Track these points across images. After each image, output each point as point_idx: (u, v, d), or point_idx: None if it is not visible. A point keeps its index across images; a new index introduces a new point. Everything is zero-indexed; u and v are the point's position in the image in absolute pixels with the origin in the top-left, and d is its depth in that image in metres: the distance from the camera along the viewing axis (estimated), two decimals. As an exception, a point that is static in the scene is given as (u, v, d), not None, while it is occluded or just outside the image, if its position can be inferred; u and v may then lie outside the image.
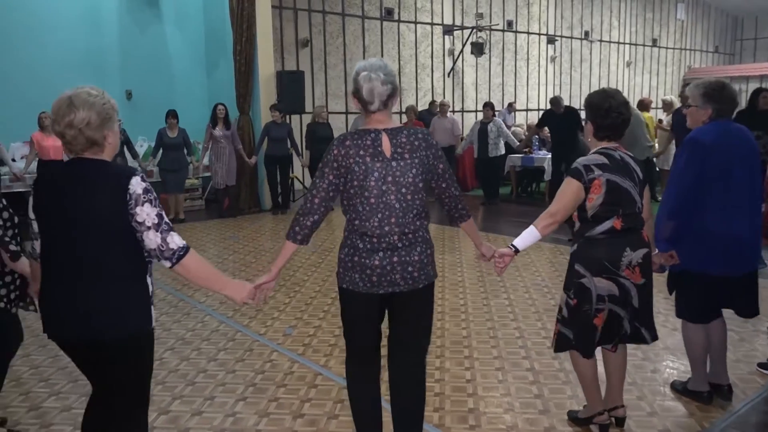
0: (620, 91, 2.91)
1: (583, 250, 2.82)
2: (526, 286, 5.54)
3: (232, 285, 2.32)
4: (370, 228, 2.39)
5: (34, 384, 3.69)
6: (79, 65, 9.24)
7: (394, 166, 2.39)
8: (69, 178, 2.11)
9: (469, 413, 3.27)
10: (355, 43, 12.96)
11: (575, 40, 17.58)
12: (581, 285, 2.80)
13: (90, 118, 2.06)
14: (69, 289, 2.11)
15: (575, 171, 2.78)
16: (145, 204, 2.07)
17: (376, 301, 2.48)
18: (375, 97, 2.38)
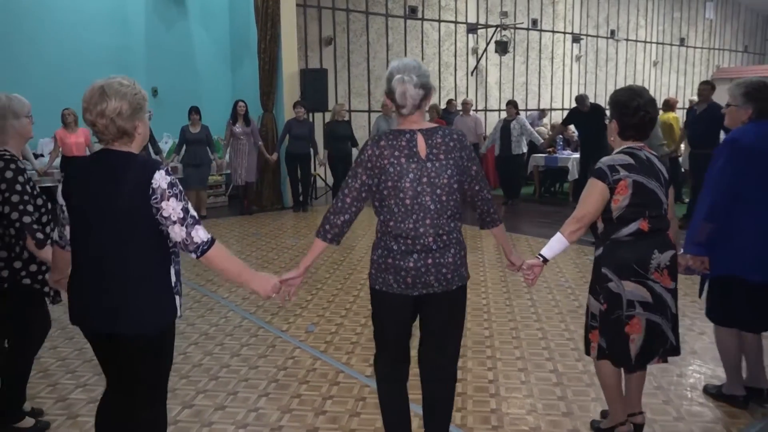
0: (647, 89, 2.84)
1: (609, 252, 2.74)
2: (550, 287, 5.50)
3: (258, 279, 2.32)
4: (405, 230, 2.37)
5: (61, 375, 3.75)
6: (105, 63, 9.36)
7: (429, 167, 2.37)
8: (95, 170, 2.14)
9: (491, 414, 3.26)
10: (379, 42, 12.96)
11: (601, 39, 17.38)
12: (609, 289, 2.72)
13: (121, 107, 2.08)
14: (93, 279, 2.14)
15: (599, 171, 2.70)
16: (170, 198, 2.08)
17: (410, 303, 2.46)
18: (408, 99, 2.36)
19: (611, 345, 2.76)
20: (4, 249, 2.94)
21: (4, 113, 2.93)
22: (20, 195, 2.83)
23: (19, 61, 8.79)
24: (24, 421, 3.08)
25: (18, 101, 2.99)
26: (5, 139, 2.96)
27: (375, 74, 12.91)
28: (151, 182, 2.06)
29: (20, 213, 2.81)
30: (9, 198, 2.82)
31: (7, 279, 2.95)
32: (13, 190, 2.82)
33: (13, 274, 2.95)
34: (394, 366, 2.60)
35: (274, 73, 9.95)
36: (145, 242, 2.12)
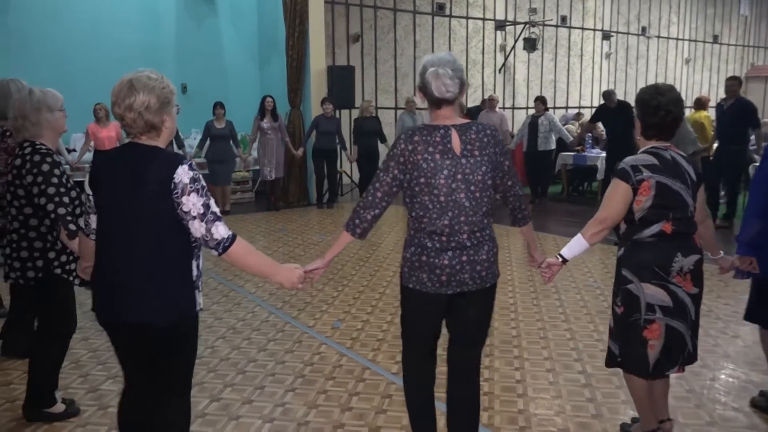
0: (674, 87, 2.74)
1: (630, 254, 2.67)
2: (578, 287, 5.43)
3: (282, 271, 2.31)
4: (440, 226, 2.34)
5: (92, 367, 3.82)
6: (137, 60, 9.40)
7: (463, 163, 2.34)
8: (121, 162, 2.16)
9: (518, 414, 3.22)
10: (406, 39, 12.93)
11: (632, 36, 17.11)
12: (628, 291, 2.65)
13: (149, 101, 2.09)
14: (115, 271, 2.15)
15: (622, 172, 2.63)
16: (191, 193, 2.08)
17: (443, 302, 2.43)
18: (443, 93, 2.34)
19: (625, 350, 2.68)
20: (40, 239, 3.03)
21: (38, 107, 2.99)
22: (56, 187, 2.89)
23: (54, 58, 8.96)
24: (55, 406, 3.15)
25: (52, 95, 3.05)
26: (40, 133, 3.02)
27: (402, 71, 12.88)
28: (174, 177, 2.06)
29: (56, 204, 2.87)
30: (45, 190, 2.88)
31: (41, 268, 3.03)
32: (50, 182, 2.89)
33: (47, 264, 3.04)
34: (422, 365, 2.59)
35: (301, 70, 9.99)
36: (167, 235, 2.12)
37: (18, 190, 3.00)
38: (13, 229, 3.08)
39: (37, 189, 2.89)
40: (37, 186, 2.89)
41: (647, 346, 2.62)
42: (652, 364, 2.64)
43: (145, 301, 2.12)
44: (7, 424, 3.15)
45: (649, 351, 2.62)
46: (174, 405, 2.29)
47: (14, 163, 3.00)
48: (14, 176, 2.99)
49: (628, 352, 2.67)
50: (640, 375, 2.71)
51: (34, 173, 2.90)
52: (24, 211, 3.02)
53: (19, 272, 3.06)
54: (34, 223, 3.02)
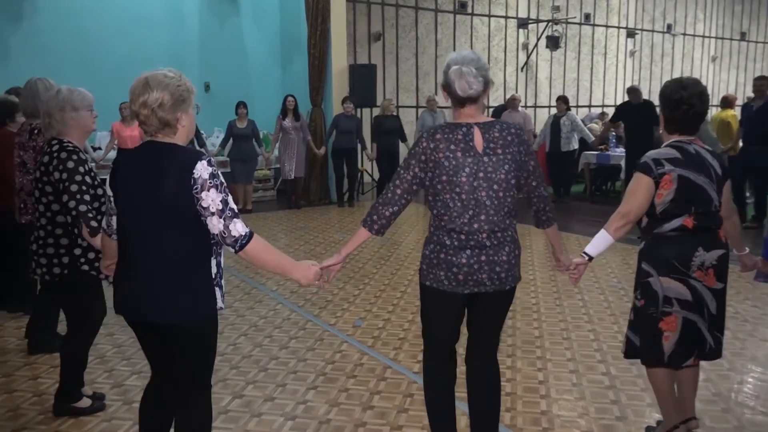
0: (699, 81, 2.69)
1: (650, 247, 2.66)
2: (601, 288, 5.37)
3: (299, 268, 2.30)
4: (459, 225, 2.32)
5: (117, 362, 3.86)
6: (161, 59, 9.43)
7: (486, 161, 2.32)
8: (139, 161, 2.17)
9: (541, 415, 3.19)
10: (428, 37, 12.90)
11: (657, 33, 16.88)
12: (648, 284, 2.64)
13: (163, 98, 2.09)
14: (135, 269, 2.17)
15: (644, 166, 2.60)
16: (210, 189, 2.07)
17: (460, 301, 2.42)
18: (466, 91, 2.32)
19: (643, 342, 2.68)
20: (66, 236, 3.07)
21: (63, 105, 3.03)
22: (79, 185, 2.93)
23: (81, 57, 9.08)
24: (81, 401, 3.21)
25: (79, 94, 3.08)
26: (66, 131, 3.06)
27: (423, 70, 12.85)
28: (193, 172, 2.06)
29: (77, 202, 2.91)
30: (68, 187, 2.93)
31: (67, 265, 3.08)
32: (73, 180, 2.93)
33: (73, 261, 3.08)
34: (442, 365, 2.57)
35: (323, 69, 10.02)
36: (186, 232, 2.12)
37: (46, 186, 3.04)
38: (40, 226, 3.12)
39: (62, 186, 2.94)
40: (62, 183, 2.94)
41: (662, 337, 2.63)
42: (668, 355, 2.64)
43: (164, 300, 2.13)
44: (36, 417, 3.20)
45: (664, 342, 2.63)
46: (194, 402, 2.30)
47: (42, 160, 3.05)
48: (42, 173, 3.04)
49: (645, 343, 2.68)
50: (656, 365, 2.70)
51: (60, 170, 2.95)
52: (51, 207, 3.07)
53: (46, 268, 3.10)
54: (61, 219, 3.06)
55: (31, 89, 3.90)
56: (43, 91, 3.80)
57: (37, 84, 3.89)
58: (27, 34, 8.89)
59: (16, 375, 3.71)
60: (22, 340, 4.18)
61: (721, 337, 2.70)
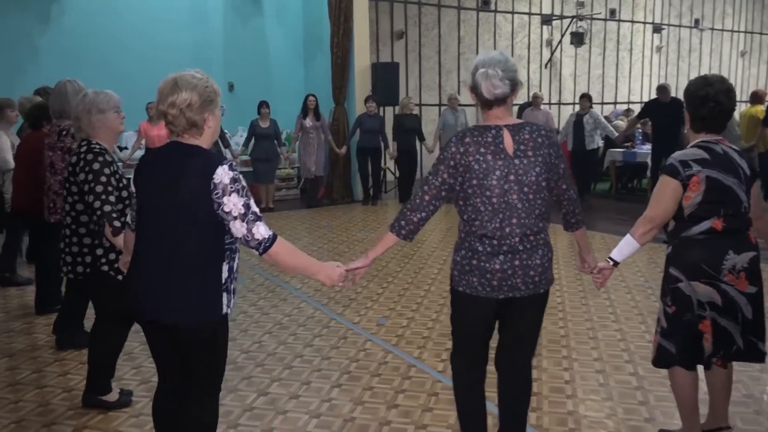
0: (725, 78, 2.63)
1: (679, 252, 2.59)
2: (628, 287, 5.29)
3: (324, 269, 2.30)
4: (490, 230, 2.29)
5: (144, 359, 3.90)
6: (186, 58, 9.66)
7: (516, 164, 2.28)
8: (162, 160, 2.18)
9: (568, 415, 3.16)
10: (450, 34, 12.83)
11: (684, 28, 16.59)
12: (678, 290, 2.57)
13: (191, 99, 2.10)
14: (147, 269, 2.18)
15: (671, 168, 2.54)
16: (232, 194, 2.07)
17: (494, 306, 2.39)
18: (492, 94, 2.29)
19: (683, 348, 2.61)
20: (89, 236, 3.13)
21: (89, 108, 3.08)
22: (104, 186, 2.98)
23: (107, 58, 9.20)
24: (109, 394, 3.26)
25: (104, 96, 3.13)
26: (94, 133, 3.12)
27: (446, 68, 12.80)
28: (213, 177, 2.06)
29: (102, 202, 2.96)
30: (94, 188, 2.98)
31: (89, 264, 3.14)
32: (98, 180, 2.98)
33: (95, 260, 3.14)
34: (473, 367, 2.54)
35: (346, 67, 10.03)
36: (199, 236, 2.11)
37: (72, 186, 3.11)
38: (66, 225, 3.20)
39: (87, 186, 2.99)
40: (87, 183, 2.99)
41: (703, 339, 2.57)
42: (707, 356, 2.60)
43: (169, 301, 2.13)
44: (65, 412, 3.26)
45: (705, 344, 2.58)
46: (199, 404, 2.29)
47: (71, 161, 3.11)
48: (69, 173, 3.10)
49: (686, 347, 2.60)
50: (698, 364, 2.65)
51: (86, 171, 3.00)
52: (76, 207, 3.13)
53: (70, 266, 3.18)
54: (85, 219, 3.12)
55: (60, 91, 3.96)
56: (72, 93, 3.85)
57: (66, 86, 3.94)
58: (55, 36, 9.05)
59: (46, 371, 3.78)
60: (52, 336, 4.25)
61: (759, 342, 2.61)
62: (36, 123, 4.68)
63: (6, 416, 3.21)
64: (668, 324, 2.64)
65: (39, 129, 4.63)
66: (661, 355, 2.69)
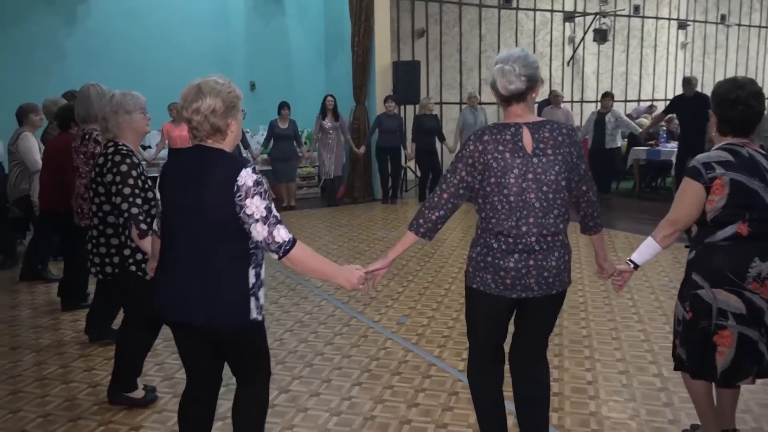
0: (754, 81, 2.56)
1: (702, 258, 2.52)
2: (652, 287, 5.22)
3: (343, 273, 2.31)
4: (506, 227, 2.27)
5: (167, 356, 3.95)
6: (208, 59, 9.76)
7: (535, 162, 2.26)
8: (187, 164, 2.20)
9: (590, 416, 3.13)
10: (471, 32, 12.77)
11: (710, 24, 16.31)
12: (698, 297, 2.50)
13: (215, 105, 2.12)
14: (174, 272, 2.20)
15: (693, 170, 2.48)
16: (254, 196, 2.09)
17: (507, 305, 2.37)
18: (507, 90, 2.27)
19: (692, 356, 2.55)
20: (117, 236, 3.17)
21: (116, 110, 3.12)
22: (131, 188, 3.00)
23: (132, 59, 9.31)
24: (135, 391, 3.30)
25: (131, 98, 3.16)
26: (121, 134, 3.16)
27: (467, 66, 12.74)
28: (237, 180, 2.08)
29: (129, 204, 2.98)
30: (121, 190, 3.00)
31: (117, 264, 3.18)
32: (126, 182, 3.00)
33: (123, 261, 3.17)
34: (488, 366, 2.52)
35: (367, 66, 10.05)
36: (224, 239, 2.13)
37: (99, 187, 3.14)
38: (93, 226, 3.24)
39: (115, 188, 3.01)
40: (115, 185, 3.01)
41: (716, 352, 2.48)
42: (720, 371, 2.50)
43: (197, 304, 2.15)
44: (90, 407, 3.31)
45: (718, 357, 2.48)
46: (242, 401, 2.35)
47: (97, 162, 3.14)
48: (96, 174, 3.13)
49: (696, 357, 2.54)
50: (706, 379, 2.58)
51: (113, 172, 3.02)
52: (103, 208, 3.17)
53: (99, 267, 3.24)
54: (112, 220, 3.16)
55: (84, 95, 4.03)
56: (95, 97, 3.92)
57: (89, 90, 4.00)
58: (81, 38, 9.17)
59: (72, 366, 3.84)
60: (79, 333, 4.33)
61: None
62: (64, 125, 4.76)
63: (33, 410, 3.28)
64: (683, 330, 2.59)
65: (67, 131, 4.70)
66: (677, 359, 2.65)
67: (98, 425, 3.13)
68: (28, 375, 3.72)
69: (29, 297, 5.27)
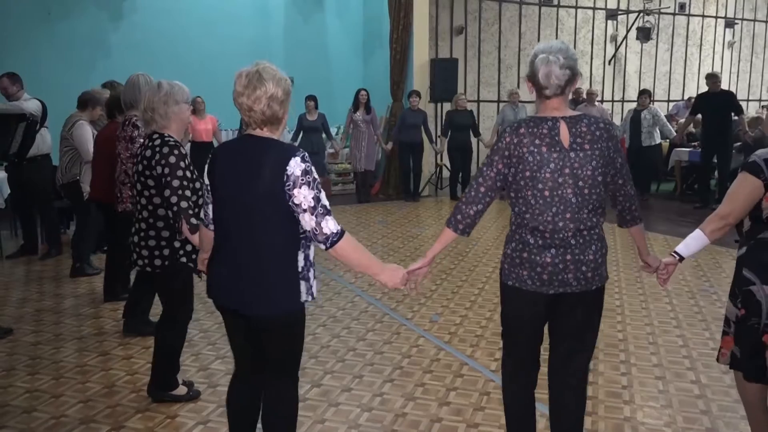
0: None
1: (754, 253, 2.47)
2: (692, 291, 5.10)
3: (387, 271, 2.31)
4: (542, 222, 2.24)
5: (203, 347, 4.03)
6: (248, 55, 9.72)
7: (572, 157, 2.22)
8: (237, 153, 2.21)
9: (624, 422, 3.08)
10: (511, 30, 12.64)
11: (759, 23, 15.80)
12: (750, 293, 2.45)
13: (277, 92, 2.13)
14: (227, 260, 2.23)
15: (753, 165, 2.41)
16: (302, 186, 2.09)
17: (544, 302, 2.32)
18: (552, 81, 2.21)
19: (745, 355, 2.49)
20: (167, 229, 3.11)
21: (166, 99, 3.08)
22: (180, 180, 2.97)
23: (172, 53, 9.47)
24: (178, 389, 3.31)
25: (179, 88, 3.13)
26: (168, 124, 3.11)
27: (505, 63, 12.62)
28: (287, 168, 2.09)
29: (179, 198, 2.96)
30: (170, 182, 2.97)
31: (168, 257, 3.14)
32: (175, 175, 2.97)
33: (173, 253, 3.13)
34: (523, 371, 2.48)
35: (404, 63, 10.04)
36: (277, 226, 2.15)
37: (148, 180, 3.07)
38: (142, 218, 3.17)
39: (164, 180, 2.97)
40: (164, 177, 2.97)
41: (766, 351, 2.43)
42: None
43: (251, 291, 2.18)
44: (128, 395, 3.39)
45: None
46: (279, 393, 2.35)
47: (144, 154, 3.08)
48: (144, 167, 3.07)
49: (746, 356, 2.49)
50: (757, 381, 2.51)
51: (162, 164, 2.97)
52: (153, 201, 3.10)
53: (147, 260, 3.16)
54: (162, 212, 3.09)
55: (133, 83, 4.07)
56: (143, 85, 3.95)
57: (139, 78, 4.05)
58: (125, 32, 9.40)
59: (112, 354, 3.94)
60: (119, 322, 4.43)
61: None
62: (110, 114, 4.87)
63: (74, 395, 3.38)
64: (736, 327, 2.54)
65: (114, 120, 4.80)
66: (732, 358, 2.57)
67: (135, 412, 3.20)
68: (69, 362, 3.83)
69: (72, 286, 5.42)
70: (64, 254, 6.27)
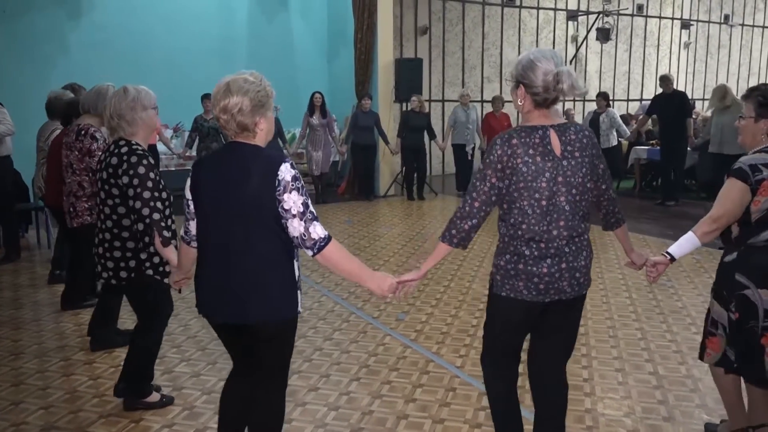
0: None
1: (745, 258, 2.54)
2: (650, 286, 5.24)
3: (375, 278, 2.29)
4: (538, 232, 2.23)
5: (167, 350, 3.98)
6: (211, 53, 9.80)
7: (564, 165, 2.23)
8: (221, 162, 2.19)
9: (585, 413, 3.16)
10: (474, 30, 12.78)
11: (713, 24, 16.29)
12: (744, 297, 2.51)
13: (242, 104, 2.12)
14: (218, 271, 2.20)
15: (740, 172, 2.50)
16: (292, 191, 2.09)
17: (539, 310, 2.34)
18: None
19: (742, 358, 2.56)
20: (132, 240, 3.00)
21: (134, 106, 2.96)
22: (151, 191, 2.87)
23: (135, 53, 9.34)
24: (151, 396, 3.25)
25: (146, 93, 3.03)
26: (135, 131, 2.99)
27: (469, 63, 12.75)
28: (278, 174, 2.09)
29: (150, 209, 2.85)
30: (141, 194, 2.85)
31: (134, 269, 3.04)
32: (145, 186, 2.86)
33: (139, 265, 3.03)
34: (506, 367, 2.49)
35: (369, 63, 10.06)
36: (270, 234, 2.13)
37: (113, 189, 2.95)
38: (105, 228, 3.05)
39: (133, 191, 2.86)
40: (132, 188, 2.86)
41: (764, 353, 2.50)
42: None
43: (248, 303, 2.16)
44: (91, 400, 3.34)
45: (767, 359, 2.50)
46: (268, 401, 2.35)
47: (110, 162, 2.95)
48: (109, 174, 2.94)
49: (746, 360, 2.55)
50: (758, 385, 2.59)
51: (130, 174, 2.86)
52: (117, 210, 2.99)
53: (112, 272, 3.06)
54: (127, 223, 2.98)
55: (99, 91, 3.95)
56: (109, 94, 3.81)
57: (108, 89, 3.89)
58: (84, 30, 9.22)
59: (73, 359, 3.87)
60: (80, 327, 4.35)
61: None
62: (66, 121, 4.69)
63: (34, 402, 3.31)
64: (731, 330, 2.59)
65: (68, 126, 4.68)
66: (723, 360, 2.63)
67: (99, 417, 3.16)
68: (30, 368, 3.75)
69: (31, 291, 5.30)
70: (22, 259, 6.12)
